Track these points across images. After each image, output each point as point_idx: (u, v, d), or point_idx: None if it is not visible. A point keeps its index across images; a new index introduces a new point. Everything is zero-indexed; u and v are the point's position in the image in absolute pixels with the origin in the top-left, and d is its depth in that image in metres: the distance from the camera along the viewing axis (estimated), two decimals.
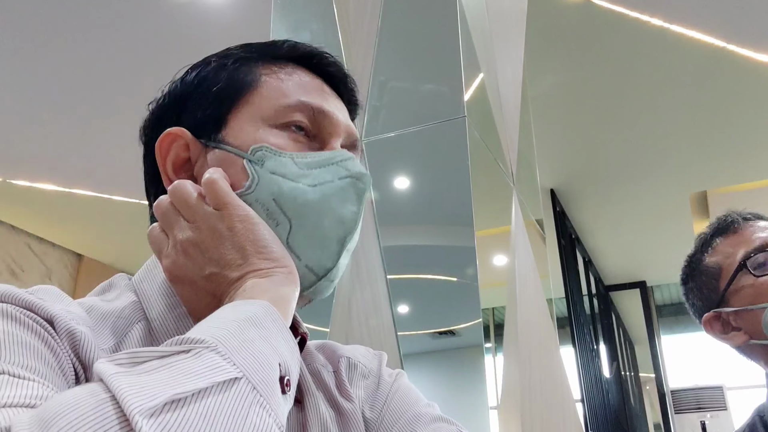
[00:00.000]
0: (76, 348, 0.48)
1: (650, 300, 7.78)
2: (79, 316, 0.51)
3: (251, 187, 0.57)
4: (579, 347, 4.99)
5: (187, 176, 0.61)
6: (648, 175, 5.01)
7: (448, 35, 1.84)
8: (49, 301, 0.50)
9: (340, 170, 0.59)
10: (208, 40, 3.27)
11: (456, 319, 1.65)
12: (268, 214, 0.57)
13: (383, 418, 0.67)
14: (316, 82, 0.65)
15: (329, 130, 0.62)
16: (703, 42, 3.54)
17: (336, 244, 0.58)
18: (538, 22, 3.18)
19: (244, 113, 0.61)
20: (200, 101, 0.62)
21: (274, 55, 0.65)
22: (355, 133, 0.66)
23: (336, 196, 0.58)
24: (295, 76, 0.64)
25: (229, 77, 0.62)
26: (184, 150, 0.61)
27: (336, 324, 1.65)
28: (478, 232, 1.59)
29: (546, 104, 3.98)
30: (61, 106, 3.85)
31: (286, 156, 0.58)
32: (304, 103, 0.61)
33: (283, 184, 0.57)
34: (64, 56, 3.43)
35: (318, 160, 0.59)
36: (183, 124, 0.62)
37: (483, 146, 1.83)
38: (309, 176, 0.58)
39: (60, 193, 4.87)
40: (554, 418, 1.88)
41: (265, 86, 0.62)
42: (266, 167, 0.58)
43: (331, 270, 0.58)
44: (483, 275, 1.56)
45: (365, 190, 0.60)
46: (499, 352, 1.73)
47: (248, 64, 0.64)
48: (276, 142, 0.59)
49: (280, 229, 0.57)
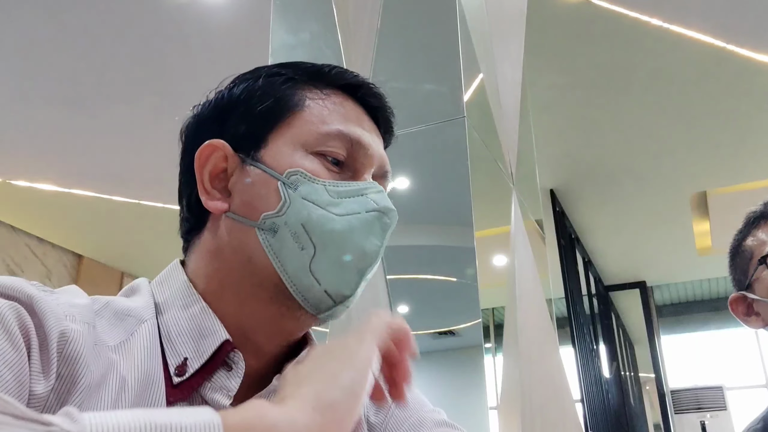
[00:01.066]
0: (62, 346, 0.49)
1: (650, 300, 7.78)
2: (78, 312, 0.52)
3: (282, 210, 0.59)
4: (579, 347, 4.99)
5: (222, 187, 0.62)
6: (648, 175, 5.01)
7: (448, 36, 1.84)
8: (51, 297, 0.50)
9: (368, 203, 0.61)
10: (208, 41, 3.27)
11: (456, 319, 1.65)
12: (295, 238, 0.58)
13: (388, 422, 0.68)
14: (357, 111, 0.66)
15: (363, 161, 0.64)
16: (702, 42, 3.54)
17: (356, 274, 0.60)
18: (537, 23, 3.18)
19: (284, 135, 0.62)
20: (245, 116, 0.63)
21: (321, 80, 0.66)
22: (387, 164, 0.67)
23: (362, 228, 0.60)
24: (338, 104, 0.65)
25: (276, 96, 0.64)
26: (222, 161, 0.63)
27: (336, 324, 1.64)
28: (477, 233, 1.59)
29: (546, 104, 3.98)
30: (61, 107, 3.85)
31: (319, 183, 0.60)
32: (343, 133, 0.62)
33: (313, 210, 0.59)
34: (64, 56, 3.43)
35: (349, 189, 0.61)
36: (224, 135, 0.63)
37: (483, 146, 1.83)
38: (339, 205, 0.59)
39: (60, 194, 4.87)
40: (554, 418, 1.88)
41: (308, 111, 0.63)
42: (299, 192, 0.59)
43: (349, 297, 0.60)
44: (483, 275, 1.56)
45: (390, 226, 0.62)
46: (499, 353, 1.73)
47: (295, 86, 0.65)
48: (311, 168, 0.60)
49: (305, 253, 0.58)
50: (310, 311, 0.60)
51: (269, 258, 0.59)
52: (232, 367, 0.57)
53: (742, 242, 1.07)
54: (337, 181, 0.61)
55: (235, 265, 0.60)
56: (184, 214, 0.66)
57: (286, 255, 0.58)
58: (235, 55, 3.23)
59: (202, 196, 0.62)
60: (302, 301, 0.59)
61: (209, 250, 0.62)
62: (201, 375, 0.56)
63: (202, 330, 0.58)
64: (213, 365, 0.56)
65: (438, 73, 1.86)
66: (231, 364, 0.57)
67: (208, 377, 0.56)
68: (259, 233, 0.59)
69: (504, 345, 1.72)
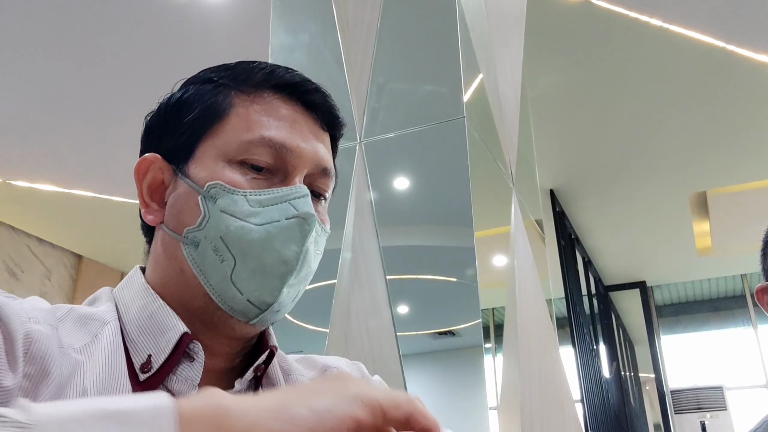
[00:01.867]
0: (27, 346, 0.50)
1: (650, 300, 7.78)
2: (41, 315, 0.54)
3: (202, 224, 0.60)
4: (579, 347, 4.99)
5: (159, 199, 0.64)
6: (647, 176, 5.01)
7: (448, 36, 1.84)
8: (15, 302, 0.52)
9: (289, 209, 0.61)
10: (208, 41, 3.27)
11: (455, 319, 1.65)
12: (215, 250, 0.59)
13: None
14: (288, 111, 0.65)
15: (293, 164, 0.63)
16: (702, 42, 3.54)
17: (277, 281, 0.60)
18: (537, 23, 3.18)
19: (209, 146, 0.62)
20: (176, 127, 0.64)
21: (249, 83, 0.65)
22: (324, 161, 0.66)
23: (280, 235, 0.60)
24: (265, 106, 0.64)
25: (203, 107, 0.64)
26: (160, 172, 0.64)
27: (336, 324, 1.65)
28: (477, 233, 1.59)
29: (545, 104, 3.98)
30: (60, 108, 3.85)
31: (239, 194, 0.60)
32: (266, 138, 0.62)
33: (231, 223, 0.59)
34: (64, 57, 3.43)
35: (270, 197, 0.61)
36: (161, 145, 0.65)
37: (482, 147, 1.84)
38: (258, 215, 0.60)
39: (60, 194, 4.88)
40: (554, 419, 1.88)
41: (233, 118, 0.63)
42: (218, 205, 0.60)
43: (272, 304, 0.60)
44: (482, 276, 1.56)
45: (310, 231, 0.61)
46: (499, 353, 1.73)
47: (223, 92, 0.65)
48: (231, 179, 0.61)
49: (225, 265, 0.59)
50: (240, 319, 0.60)
51: (193, 271, 0.60)
52: (194, 358, 0.59)
53: None
54: (260, 190, 0.61)
55: (171, 274, 0.62)
56: (141, 223, 0.68)
57: (208, 267, 0.60)
58: (235, 55, 3.21)
59: (142, 208, 0.65)
60: (229, 310, 0.60)
61: (154, 259, 0.65)
62: (165, 369, 0.57)
63: (161, 326, 0.59)
64: (175, 358, 0.58)
65: (438, 74, 1.86)
66: (192, 354, 0.59)
67: (173, 370, 0.58)
68: (184, 247, 0.61)
69: (504, 345, 1.72)
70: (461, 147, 1.67)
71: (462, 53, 1.80)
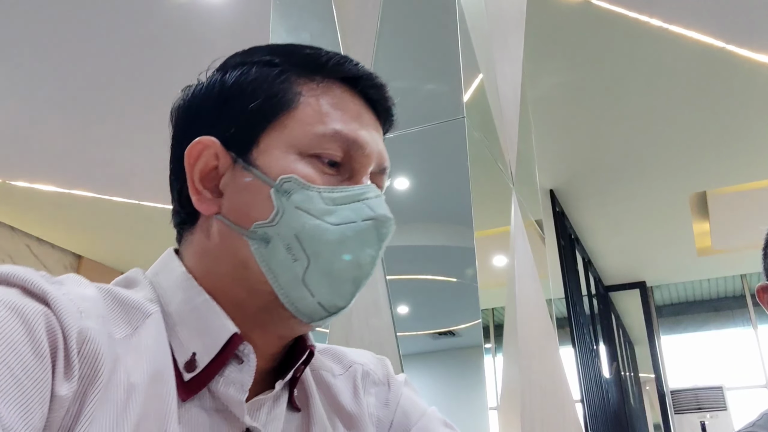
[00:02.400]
0: (80, 345, 0.48)
1: (650, 300, 7.78)
2: (91, 307, 0.51)
3: (275, 219, 0.56)
4: (579, 348, 4.99)
5: (213, 186, 0.60)
6: (647, 176, 5.01)
7: (448, 36, 1.84)
8: (62, 292, 0.49)
9: (364, 210, 0.58)
10: (208, 41, 3.27)
11: (455, 319, 1.65)
12: (288, 249, 0.56)
13: (395, 416, 0.69)
14: (356, 105, 0.62)
15: (361, 161, 0.61)
16: (702, 42, 3.54)
17: (351, 285, 0.58)
18: (537, 23, 3.18)
19: (277, 136, 0.59)
20: (236, 113, 0.60)
21: (317, 72, 0.62)
22: (386, 161, 0.64)
23: (356, 238, 0.57)
24: (334, 98, 0.61)
25: (268, 94, 0.60)
26: (214, 159, 0.60)
27: (336, 324, 1.65)
28: (477, 233, 1.59)
29: (545, 105, 3.98)
30: (60, 108, 3.85)
31: (313, 190, 0.57)
32: (340, 133, 0.59)
33: (307, 221, 0.56)
34: (64, 57, 3.43)
35: (344, 195, 0.58)
36: (215, 129, 0.60)
37: (482, 147, 1.83)
38: (333, 213, 0.57)
39: (59, 195, 4.87)
40: (554, 419, 1.88)
41: (302, 109, 0.60)
42: (292, 200, 0.56)
43: (343, 308, 0.58)
44: (482, 276, 1.56)
45: (387, 235, 0.59)
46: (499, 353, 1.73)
47: (289, 79, 0.61)
48: (305, 173, 0.57)
49: (297, 265, 0.56)
50: (303, 320, 0.58)
51: (261, 268, 0.57)
52: (243, 360, 0.56)
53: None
54: (333, 187, 0.58)
55: (228, 269, 0.58)
56: (176, 207, 0.63)
57: (278, 266, 0.56)
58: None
59: (192, 196, 0.59)
60: (294, 311, 0.57)
61: (202, 250, 0.60)
62: (211, 369, 0.54)
63: (208, 323, 0.56)
64: (223, 359, 0.55)
65: (438, 74, 1.86)
66: (242, 357, 0.56)
67: (220, 372, 0.55)
68: (251, 242, 0.57)
69: (504, 345, 1.72)
70: (461, 147, 1.67)
71: (462, 53, 1.80)
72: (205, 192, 0.59)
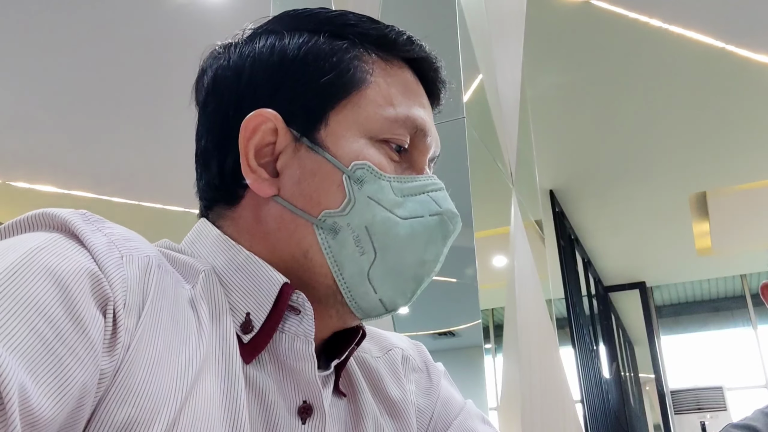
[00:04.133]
0: (124, 297, 0.43)
1: (650, 300, 7.78)
2: (139, 246, 0.47)
3: (346, 209, 0.53)
4: (578, 348, 4.99)
5: (267, 163, 0.55)
6: (647, 176, 5.01)
7: (447, 36, 1.84)
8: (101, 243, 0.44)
9: (431, 204, 0.55)
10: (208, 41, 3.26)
11: (455, 319, 1.65)
12: (356, 241, 0.52)
13: (435, 406, 0.66)
14: (419, 89, 0.60)
15: (422, 149, 0.58)
16: (702, 43, 3.54)
17: (413, 283, 0.55)
18: (537, 23, 3.18)
19: (347, 115, 0.55)
20: (302, 86, 0.55)
21: (386, 49, 0.58)
22: (439, 148, 0.62)
23: (424, 234, 0.54)
24: (402, 81, 0.58)
25: (340, 68, 0.55)
26: (271, 134, 0.55)
27: None
28: (477, 233, 1.59)
29: (545, 105, 3.98)
30: (60, 108, 3.85)
31: (385, 179, 0.54)
32: (410, 118, 0.56)
33: (378, 212, 0.53)
34: (64, 57, 3.43)
35: (413, 186, 0.55)
36: (276, 103, 0.55)
37: (482, 147, 1.83)
38: (402, 206, 0.54)
39: (59, 195, 4.87)
40: (554, 419, 1.88)
41: (374, 89, 0.56)
42: (365, 190, 0.53)
43: (402, 307, 0.56)
44: (482, 276, 1.56)
45: (453, 233, 0.57)
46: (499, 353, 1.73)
47: (360, 56, 0.57)
48: (378, 160, 0.54)
49: (364, 259, 0.53)
50: (359, 315, 0.55)
51: (326, 258, 0.53)
52: (300, 310, 0.52)
53: None
54: (401, 176, 0.55)
55: (286, 256, 0.54)
56: (213, 181, 0.57)
57: (345, 258, 0.53)
58: None
59: (247, 174, 0.54)
60: (354, 307, 0.54)
61: (251, 232, 0.55)
62: (270, 326, 0.51)
63: (255, 279, 0.52)
64: (279, 313, 0.51)
65: None
66: (297, 307, 0.52)
67: (280, 327, 0.52)
68: (318, 231, 0.53)
69: (504, 345, 1.72)
70: (461, 147, 1.67)
71: (462, 53, 1.80)
72: (260, 170, 0.54)
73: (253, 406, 0.49)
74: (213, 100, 0.59)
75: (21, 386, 0.34)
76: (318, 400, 0.52)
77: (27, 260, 0.40)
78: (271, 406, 0.50)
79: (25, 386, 0.35)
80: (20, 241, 0.42)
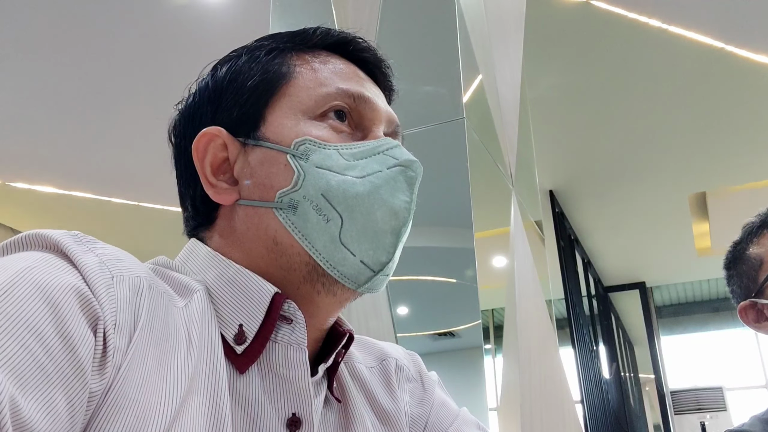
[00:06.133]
0: (114, 317, 0.44)
1: (649, 301, 7.78)
2: (132, 267, 0.49)
3: (297, 183, 0.54)
4: (578, 348, 4.99)
5: (227, 178, 0.58)
6: (647, 176, 5.01)
7: (447, 37, 1.84)
8: (93, 263, 0.45)
9: (387, 159, 0.57)
10: (207, 41, 3.27)
11: (455, 320, 1.65)
12: (317, 210, 0.54)
13: (429, 415, 0.67)
14: (351, 68, 0.62)
15: (370, 117, 0.60)
16: (701, 43, 3.54)
17: (390, 236, 0.55)
18: (536, 24, 3.18)
19: (281, 107, 0.58)
20: (235, 97, 0.59)
21: (306, 44, 0.62)
22: (396, 120, 0.64)
23: (386, 186, 0.56)
24: (329, 64, 0.61)
25: (263, 70, 0.59)
26: (222, 150, 0.58)
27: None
28: (477, 234, 1.59)
29: (545, 105, 3.98)
30: (60, 109, 3.85)
31: (331, 148, 0.56)
32: (344, 90, 0.59)
33: (331, 177, 0.54)
34: (63, 58, 3.43)
35: (364, 149, 0.57)
36: (218, 122, 0.59)
37: (482, 148, 1.83)
38: (356, 168, 0.55)
39: (59, 196, 4.87)
40: (554, 420, 1.88)
41: (301, 77, 0.59)
42: (311, 161, 0.55)
43: (387, 264, 0.55)
44: (482, 277, 1.56)
45: (416, 178, 0.58)
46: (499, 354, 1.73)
47: (281, 55, 0.61)
48: (319, 134, 0.56)
49: (331, 225, 0.54)
50: (349, 285, 0.55)
51: (294, 237, 0.54)
52: (292, 319, 0.53)
53: (745, 251, 1.07)
54: (350, 143, 0.57)
55: (260, 251, 0.56)
56: (190, 213, 0.61)
57: (312, 230, 0.54)
58: None
59: (208, 190, 0.57)
60: (338, 276, 0.54)
61: (228, 242, 0.58)
62: (262, 336, 0.52)
63: (246, 291, 0.54)
64: (271, 323, 0.52)
65: (437, 75, 1.86)
66: (289, 316, 0.53)
67: (272, 337, 0.53)
68: (278, 213, 0.55)
69: (504, 346, 1.72)
70: (461, 148, 1.67)
71: (461, 54, 1.80)
72: (220, 183, 0.58)
73: (241, 421, 0.50)
74: (176, 146, 0.63)
75: (12, 399, 0.35)
76: (307, 412, 0.52)
77: (18, 278, 0.41)
78: (259, 419, 0.51)
79: (16, 400, 0.35)
80: (12, 260, 0.43)
